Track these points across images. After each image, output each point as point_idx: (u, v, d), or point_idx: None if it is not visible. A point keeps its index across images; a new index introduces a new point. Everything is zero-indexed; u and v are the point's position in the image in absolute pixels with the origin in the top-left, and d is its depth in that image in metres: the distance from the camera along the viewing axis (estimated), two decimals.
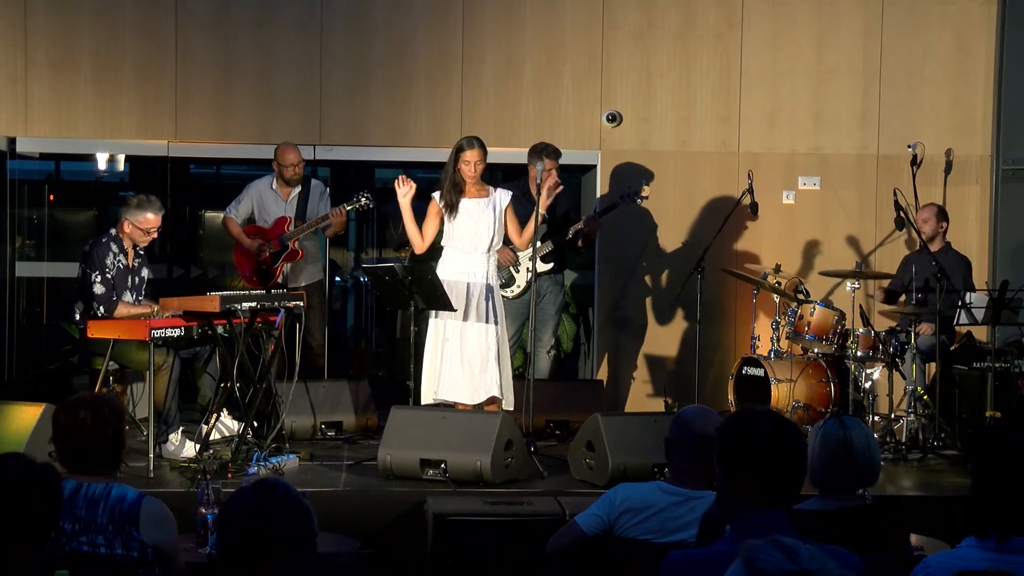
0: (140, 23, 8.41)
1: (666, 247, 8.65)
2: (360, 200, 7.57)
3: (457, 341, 6.78)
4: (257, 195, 7.95)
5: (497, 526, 5.36)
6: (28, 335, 9.11)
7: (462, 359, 6.78)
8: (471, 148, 6.85)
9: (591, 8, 8.60)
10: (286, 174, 7.84)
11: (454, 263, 6.88)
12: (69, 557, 3.46)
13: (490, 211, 6.91)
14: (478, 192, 6.92)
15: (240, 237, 7.88)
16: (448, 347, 6.79)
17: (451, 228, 6.90)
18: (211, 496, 4.35)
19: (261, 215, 7.93)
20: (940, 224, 7.85)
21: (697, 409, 4.10)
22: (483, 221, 6.88)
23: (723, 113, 8.68)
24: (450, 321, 6.79)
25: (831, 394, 7.55)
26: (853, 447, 3.63)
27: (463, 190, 6.88)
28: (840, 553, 2.81)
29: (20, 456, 3.11)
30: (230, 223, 7.96)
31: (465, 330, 6.80)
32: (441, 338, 6.81)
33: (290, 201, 7.89)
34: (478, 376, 6.77)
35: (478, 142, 6.87)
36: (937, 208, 7.91)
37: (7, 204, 8.68)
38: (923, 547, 3.94)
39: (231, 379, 6.58)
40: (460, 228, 6.87)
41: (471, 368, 6.77)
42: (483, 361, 6.79)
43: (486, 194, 6.94)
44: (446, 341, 6.79)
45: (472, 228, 6.87)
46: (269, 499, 2.73)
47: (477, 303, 6.82)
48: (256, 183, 7.99)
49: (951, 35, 8.79)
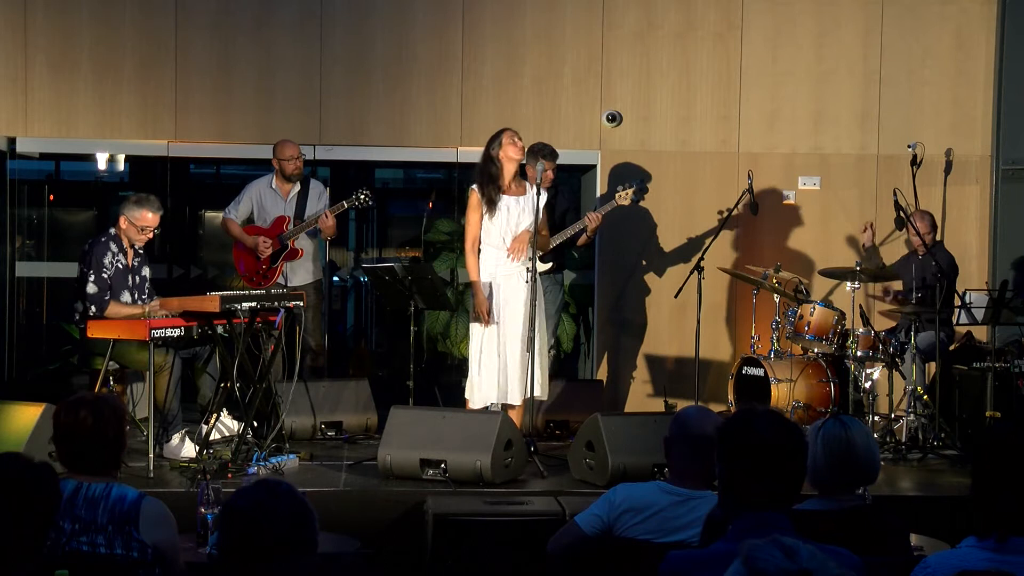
0: (140, 23, 8.41)
1: (666, 247, 8.65)
2: (360, 197, 7.56)
3: (517, 343, 6.69)
4: (256, 194, 7.95)
5: (497, 526, 5.36)
6: (28, 335, 9.11)
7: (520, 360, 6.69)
8: (506, 129, 6.76)
9: (591, 8, 8.60)
10: (287, 169, 7.83)
11: (498, 260, 6.75)
12: (69, 557, 3.46)
13: (529, 210, 6.77)
14: (517, 189, 6.83)
15: (241, 236, 7.88)
16: (508, 350, 6.70)
17: (488, 225, 6.76)
18: (211, 496, 4.35)
19: (260, 214, 7.93)
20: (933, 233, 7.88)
21: (697, 409, 4.10)
22: (522, 221, 6.76)
23: (723, 113, 8.68)
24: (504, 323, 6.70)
25: (831, 394, 7.55)
26: (853, 447, 3.64)
27: (502, 185, 6.74)
28: (840, 553, 2.81)
29: (18, 456, 3.11)
30: (230, 223, 7.95)
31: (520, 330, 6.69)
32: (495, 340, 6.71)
33: (289, 200, 7.89)
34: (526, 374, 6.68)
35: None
36: (930, 218, 7.92)
37: (7, 204, 8.68)
38: (923, 547, 3.95)
39: (231, 379, 6.58)
40: (498, 226, 6.74)
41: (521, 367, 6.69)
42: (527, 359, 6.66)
43: (524, 191, 6.84)
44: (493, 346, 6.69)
45: (511, 226, 6.76)
46: (271, 499, 2.73)
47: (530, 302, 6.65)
48: (255, 183, 7.99)
49: (951, 35, 8.79)
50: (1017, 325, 7.42)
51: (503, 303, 6.73)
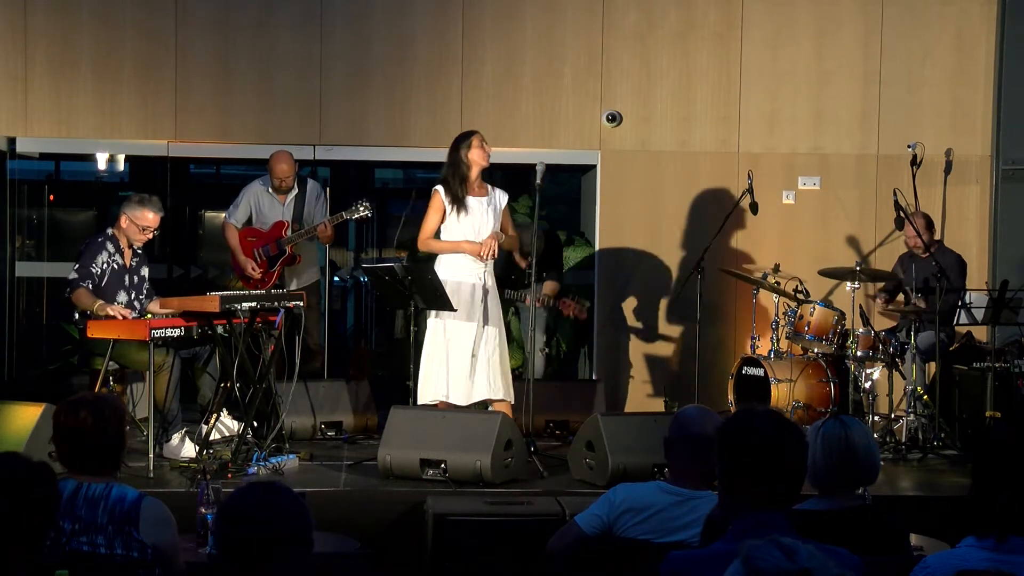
0: (140, 23, 8.41)
1: (666, 247, 8.65)
2: (359, 209, 7.56)
3: (468, 343, 6.74)
4: (254, 197, 7.94)
5: (497, 526, 5.35)
6: (28, 335, 9.11)
7: (471, 361, 6.74)
8: (476, 133, 6.83)
9: (591, 8, 8.60)
10: (274, 183, 7.85)
11: (458, 263, 6.81)
12: (69, 557, 3.46)
13: (492, 212, 6.89)
14: (480, 190, 6.89)
15: (236, 251, 7.87)
16: (458, 350, 6.74)
17: (455, 226, 6.83)
18: (211, 496, 4.35)
19: (258, 218, 7.93)
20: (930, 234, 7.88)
21: (697, 409, 4.10)
22: (486, 222, 6.85)
23: (723, 113, 8.68)
24: (460, 323, 6.74)
25: (831, 394, 7.55)
26: (852, 447, 3.63)
27: (468, 186, 6.81)
28: (840, 553, 2.81)
29: (16, 455, 3.11)
30: (229, 230, 7.94)
31: (474, 331, 6.75)
32: (445, 340, 6.77)
33: (287, 204, 7.89)
34: (489, 376, 6.74)
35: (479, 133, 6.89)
36: (927, 220, 7.91)
37: (7, 204, 8.68)
38: (923, 547, 3.95)
39: (231, 379, 6.58)
40: (464, 227, 6.82)
41: (481, 368, 6.73)
42: (491, 361, 6.75)
43: (486, 193, 6.91)
44: (457, 345, 6.73)
45: (476, 227, 6.83)
46: (265, 499, 2.73)
47: (483, 303, 6.79)
48: (252, 185, 7.98)
49: (951, 35, 8.79)
50: (1017, 325, 7.41)
51: (459, 304, 6.73)
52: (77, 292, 6.62)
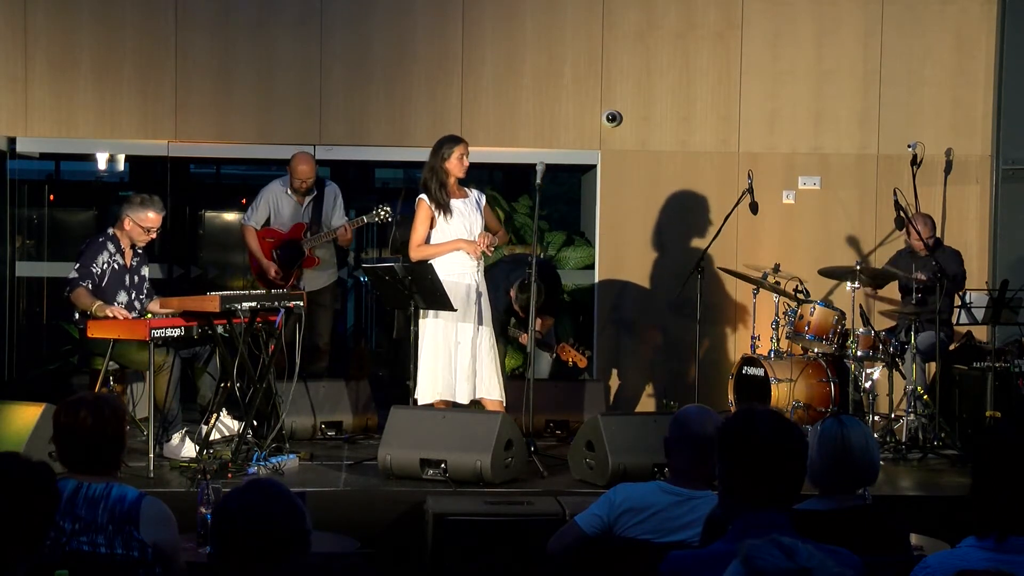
0: (140, 23, 8.41)
1: (666, 247, 8.65)
2: (380, 213, 7.67)
3: (467, 342, 6.76)
4: (273, 199, 7.96)
5: (497, 526, 5.35)
6: (28, 335, 9.11)
7: (472, 360, 6.76)
8: (460, 143, 6.86)
9: (591, 8, 8.60)
10: (294, 184, 7.88)
11: (452, 265, 6.84)
12: (69, 557, 3.46)
13: (476, 211, 6.93)
14: (460, 192, 6.93)
15: (257, 253, 7.87)
16: (460, 349, 6.77)
17: (446, 230, 6.85)
18: (211, 496, 4.35)
19: (277, 219, 7.94)
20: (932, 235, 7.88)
21: (697, 409, 4.10)
22: (475, 221, 6.88)
23: (723, 113, 8.68)
24: (456, 323, 6.76)
25: (831, 394, 7.55)
26: (849, 447, 3.63)
27: (449, 191, 6.85)
28: (839, 553, 2.81)
29: (15, 455, 3.11)
30: (248, 234, 7.92)
31: (471, 331, 6.78)
32: (444, 339, 6.78)
33: (306, 206, 7.91)
34: (484, 375, 6.78)
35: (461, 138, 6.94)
36: (930, 220, 7.91)
37: (7, 204, 8.68)
38: (923, 547, 3.94)
39: (231, 379, 6.58)
40: (456, 228, 6.84)
41: (479, 368, 6.77)
42: (485, 360, 6.79)
43: (465, 195, 6.95)
44: (459, 344, 6.77)
45: (468, 227, 6.85)
46: (262, 499, 2.73)
47: (477, 303, 6.83)
48: (271, 186, 8.00)
49: (951, 35, 8.79)
50: (1017, 325, 7.41)
51: (455, 304, 6.74)
52: (77, 292, 6.62)
